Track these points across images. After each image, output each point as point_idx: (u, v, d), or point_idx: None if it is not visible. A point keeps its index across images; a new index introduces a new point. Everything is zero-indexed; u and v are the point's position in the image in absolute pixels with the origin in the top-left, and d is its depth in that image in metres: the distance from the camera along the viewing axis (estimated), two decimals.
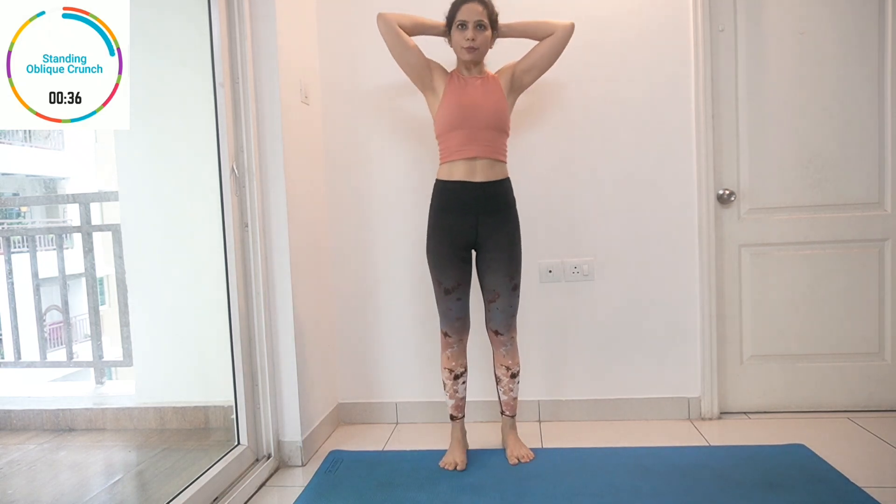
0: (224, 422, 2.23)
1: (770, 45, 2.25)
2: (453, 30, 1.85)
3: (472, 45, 1.81)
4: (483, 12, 1.82)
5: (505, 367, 1.99)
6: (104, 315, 2.81)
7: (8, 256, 2.79)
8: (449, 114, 1.85)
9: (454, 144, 1.86)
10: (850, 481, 1.73)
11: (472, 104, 1.84)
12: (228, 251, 1.93)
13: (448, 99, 1.87)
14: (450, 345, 1.96)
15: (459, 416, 2.03)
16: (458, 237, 1.89)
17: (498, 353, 2.00)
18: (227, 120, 1.90)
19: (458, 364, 1.98)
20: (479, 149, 1.84)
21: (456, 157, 1.85)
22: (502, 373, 2.00)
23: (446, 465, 1.95)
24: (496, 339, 1.98)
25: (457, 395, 2.00)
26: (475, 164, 1.85)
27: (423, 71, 1.89)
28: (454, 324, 1.94)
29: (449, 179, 1.88)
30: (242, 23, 1.92)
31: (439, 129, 1.89)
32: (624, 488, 1.75)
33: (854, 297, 2.29)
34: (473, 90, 1.87)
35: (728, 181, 2.29)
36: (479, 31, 1.82)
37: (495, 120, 1.86)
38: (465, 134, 1.84)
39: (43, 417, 2.44)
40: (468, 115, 1.83)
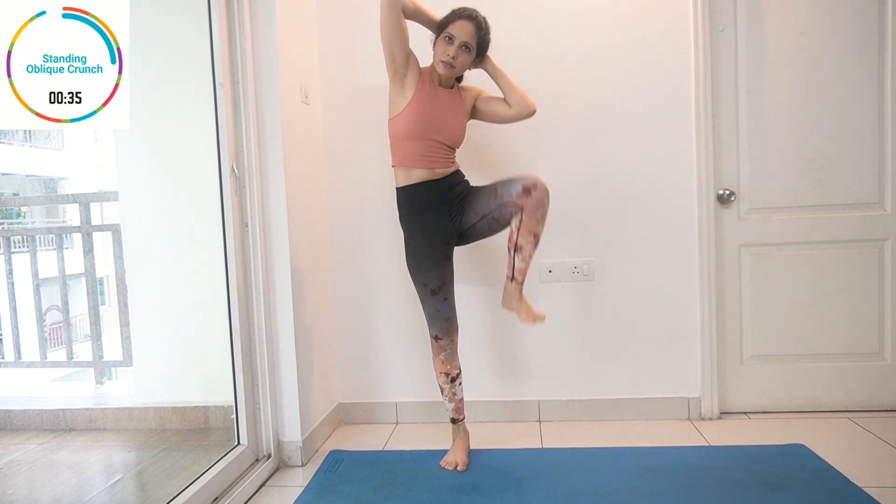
0: (224, 422, 2.23)
1: (770, 45, 2.25)
2: (440, 38, 1.81)
3: (450, 63, 1.78)
4: (474, 35, 1.79)
5: (533, 234, 1.81)
6: (104, 315, 2.80)
7: (8, 256, 2.79)
8: (413, 122, 1.81)
9: (411, 152, 1.84)
10: (850, 481, 1.73)
11: (438, 119, 1.83)
12: (228, 251, 1.93)
13: (415, 105, 1.82)
14: (442, 348, 1.95)
15: (460, 418, 2.02)
16: (438, 234, 1.88)
17: (531, 218, 1.79)
18: (227, 120, 1.90)
19: (453, 366, 1.98)
20: (436, 161, 1.85)
21: (414, 164, 1.84)
22: (528, 241, 1.80)
23: (447, 465, 1.95)
24: (528, 199, 1.77)
25: (455, 397, 2.00)
26: (434, 171, 1.86)
27: (403, 61, 1.83)
28: (444, 325, 1.93)
29: (410, 183, 1.86)
30: (242, 23, 1.92)
31: (398, 130, 1.85)
32: (624, 488, 1.75)
33: (854, 297, 2.29)
34: (442, 104, 1.85)
35: (728, 181, 2.29)
36: (462, 51, 1.79)
37: (453, 139, 1.87)
38: (425, 146, 1.83)
39: (43, 417, 2.44)
40: (431, 128, 1.82)
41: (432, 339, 1.96)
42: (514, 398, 2.38)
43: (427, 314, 1.94)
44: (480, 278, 2.35)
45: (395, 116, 1.85)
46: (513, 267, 1.86)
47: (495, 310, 2.34)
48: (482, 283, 2.35)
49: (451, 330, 1.95)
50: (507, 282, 1.88)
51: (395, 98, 1.86)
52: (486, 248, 2.21)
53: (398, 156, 1.87)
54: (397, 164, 1.88)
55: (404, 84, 1.84)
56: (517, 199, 1.79)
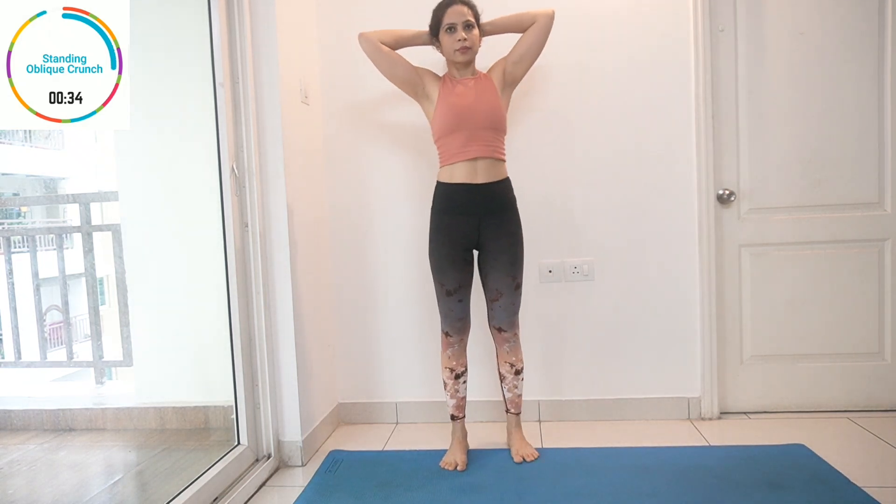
0: (224, 422, 2.23)
1: (770, 45, 2.25)
2: (441, 35, 1.85)
3: (465, 45, 1.81)
4: (469, 12, 1.83)
5: (509, 363, 1.99)
6: (104, 315, 2.81)
7: (8, 256, 2.79)
8: (445, 117, 1.85)
9: (454, 147, 1.85)
10: (850, 481, 1.73)
11: (467, 105, 1.84)
12: (228, 251, 1.93)
13: (442, 103, 1.86)
14: (450, 344, 1.97)
15: (460, 416, 2.03)
16: (461, 239, 1.89)
17: (501, 351, 2.00)
18: (227, 120, 1.90)
19: (459, 363, 1.98)
20: (479, 149, 1.84)
21: (456, 159, 1.85)
22: (506, 370, 2.00)
23: (446, 465, 1.95)
24: (499, 335, 1.98)
25: (458, 394, 2.00)
26: (476, 164, 1.85)
27: (415, 80, 1.90)
28: (455, 324, 1.95)
29: (450, 182, 1.87)
30: (242, 23, 1.92)
31: (437, 133, 1.89)
32: (624, 488, 1.75)
33: (854, 297, 2.28)
34: (467, 91, 1.86)
35: (728, 181, 2.29)
36: (468, 30, 1.82)
37: (491, 119, 1.85)
38: (464, 135, 1.83)
39: (43, 417, 2.45)
40: (464, 116, 1.83)
41: (443, 333, 1.97)
42: None
43: (441, 311, 1.95)
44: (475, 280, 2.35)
45: (432, 122, 1.91)
46: (504, 397, 2.05)
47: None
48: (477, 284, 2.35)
49: (462, 329, 1.96)
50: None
51: (427, 109, 1.93)
52: None
53: (443, 155, 1.90)
54: (443, 164, 1.91)
55: (428, 94, 1.91)
56: (491, 327, 1.99)
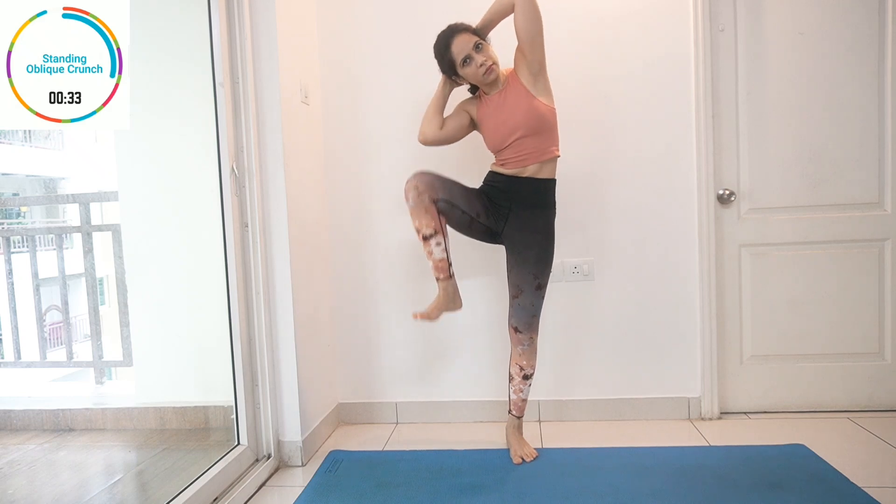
0: (224, 422, 2.23)
1: (770, 45, 2.25)
2: (461, 70, 1.85)
3: (489, 67, 1.82)
4: (470, 36, 1.82)
5: (519, 366, 1.98)
6: (104, 315, 2.80)
7: (8, 256, 2.79)
8: (491, 139, 1.91)
9: (505, 159, 1.90)
10: (850, 481, 1.73)
11: (506, 124, 1.86)
12: (228, 251, 1.93)
13: (484, 126, 1.93)
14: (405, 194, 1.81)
15: (441, 277, 1.85)
16: (489, 206, 1.91)
17: (515, 352, 1.99)
18: (227, 120, 1.90)
19: (423, 223, 1.79)
20: (530, 158, 1.87)
21: (508, 167, 1.91)
22: (515, 371, 1.99)
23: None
24: (515, 336, 1.96)
25: (432, 256, 1.82)
26: (525, 168, 1.89)
27: (469, 123, 1.97)
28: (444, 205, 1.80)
29: (498, 171, 1.93)
30: (242, 23, 1.92)
31: (490, 150, 1.96)
32: (624, 488, 1.75)
33: (854, 297, 2.28)
34: (502, 108, 1.87)
35: (728, 181, 2.29)
36: (482, 51, 1.82)
37: (533, 126, 1.84)
38: (513, 150, 1.87)
39: (43, 417, 2.44)
40: (506, 135, 1.86)
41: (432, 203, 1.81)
42: None
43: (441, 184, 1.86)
44: (481, 277, 2.36)
45: (486, 143, 1.96)
46: (509, 398, 2.06)
47: (495, 309, 2.34)
48: (482, 282, 2.36)
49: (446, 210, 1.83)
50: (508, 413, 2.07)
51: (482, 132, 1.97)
52: (489, 247, 2.20)
53: (498, 162, 1.95)
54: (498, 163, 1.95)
55: (475, 123, 1.98)
56: (509, 326, 1.98)
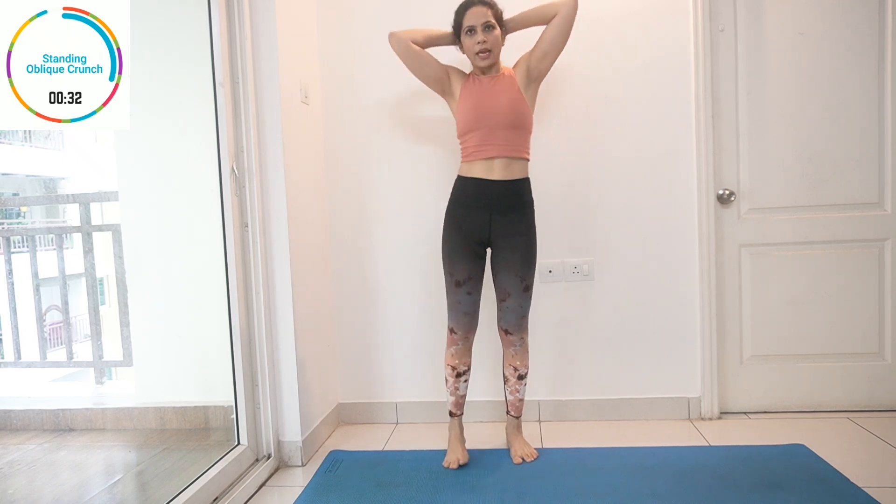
0: (224, 422, 2.23)
1: (770, 45, 2.25)
2: (462, 36, 1.86)
3: (484, 48, 1.81)
4: (489, 13, 1.82)
5: (513, 367, 1.99)
6: (104, 315, 2.80)
7: (8, 256, 2.79)
8: (465, 116, 1.87)
9: (472, 145, 1.87)
10: (850, 481, 1.73)
11: (487, 105, 1.85)
12: (228, 251, 1.93)
13: (464, 102, 1.88)
14: (455, 342, 1.96)
15: (458, 413, 2.03)
16: (471, 232, 1.89)
17: (507, 353, 2.00)
18: (227, 120, 1.90)
19: (462, 362, 1.98)
20: (496, 149, 1.85)
21: (474, 157, 1.87)
22: (510, 373, 2.00)
23: (450, 465, 1.95)
24: (506, 338, 1.98)
25: (457, 392, 2.00)
26: (493, 163, 1.86)
27: (443, 78, 1.92)
28: (461, 319, 1.93)
29: (468, 176, 1.90)
30: (242, 23, 1.92)
31: (459, 130, 1.92)
32: (624, 488, 1.75)
33: (854, 297, 2.28)
34: (488, 91, 1.87)
35: (728, 181, 2.29)
36: (488, 32, 1.82)
37: (511, 118, 1.85)
38: (482, 135, 1.85)
39: (43, 417, 2.44)
40: (483, 116, 1.84)
41: (448, 329, 1.97)
42: None
43: (448, 304, 1.95)
44: None
45: (456, 120, 1.92)
46: (506, 400, 2.05)
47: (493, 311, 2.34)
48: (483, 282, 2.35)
49: (467, 327, 1.95)
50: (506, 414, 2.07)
51: (452, 106, 1.95)
52: None
53: (464, 151, 1.91)
54: (464, 160, 1.92)
55: (453, 92, 1.92)
56: (500, 328, 1.99)
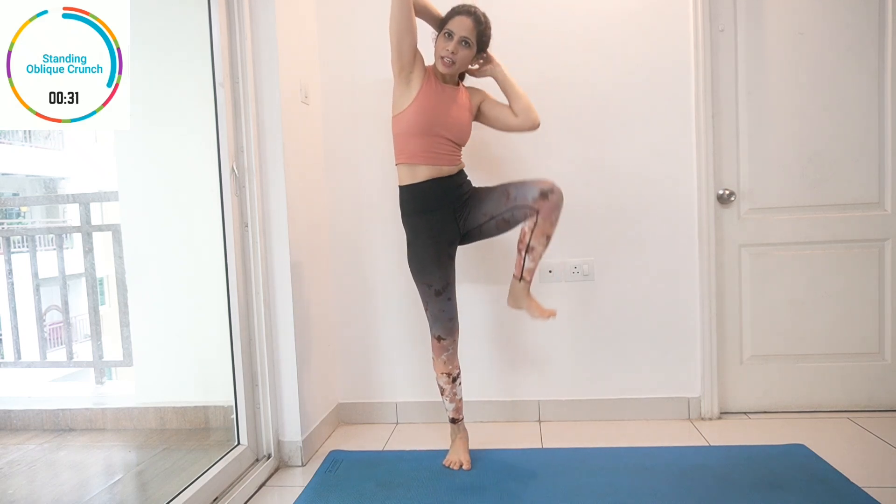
0: (224, 422, 2.23)
1: (770, 45, 2.25)
2: (440, 36, 1.82)
3: (450, 58, 1.78)
4: (473, 30, 1.78)
5: (547, 236, 1.82)
6: (104, 315, 2.80)
7: (8, 256, 2.79)
8: (417, 119, 1.80)
9: (417, 149, 1.82)
10: (850, 481, 1.73)
11: (443, 114, 1.82)
12: (228, 251, 1.93)
13: (420, 102, 1.80)
14: (444, 348, 1.94)
15: (460, 418, 2.02)
16: (443, 234, 1.87)
17: (545, 221, 1.80)
18: (227, 120, 1.90)
19: (454, 366, 1.98)
20: (444, 159, 1.84)
21: (418, 161, 1.82)
22: (540, 242, 1.82)
23: (451, 465, 1.95)
24: (544, 203, 1.78)
25: (455, 397, 2.00)
26: (442, 168, 1.84)
27: (411, 58, 1.80)
28: (447, 325, 1.92)
29: (415, 182, 1.84)
30: (242, 23, 1.92)
31: (402, 128, 1.84)
32: (624, 488, 1.75)
33: (854, 297, 2.28)
34: (447, 101, 1.84)
35: (728, 181, 2.29)
36: (461, 46, 1.78)
37: (459, 135, 1.86)
38: (429, 142, 1.81)
39: (43, 417, 2.44)
40: (437, 123, 1.81)
41: (434, 339, 1.95)
42: (514, 398, 2.38)
43: (430, 315, 1.93)
44: (480, 277, 2.35)
45: (401, 113, 1.84)
46: (522, 267, 1.87)
47: (495, 309, 2.34)
48: (482, 282, 2.36)
49: (453, 330, 1.95)
50: (514, 281, 1.89)
51: (401, 95, 1.84)
52: (485, 246, 2.21)
53: (403, 153, 1.85)
54: (402, 163, 1.85)
55: (410, 81, 1.82)
56: (533, 203, 1.79)
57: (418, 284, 1.92)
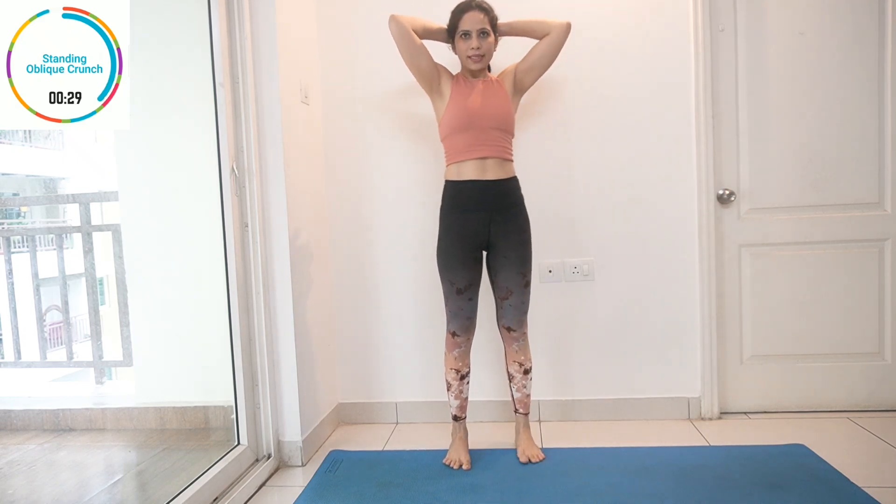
0: (224, 422, 2.23)
1: (770, 45, 2.25)
2: (457, 39, 1.87)
3: (477, 54, 1.83)
4: (485, 19, 1.83)
5: (518, 363, 1.99)
6: (104, 315, 2.80)
7: (8, 256, 2.79)
8: (455, 116, 1.86)
9: (461, 146, 1.87)
10: (850, 481, 1.73)
11: (478, 106, 1.86)
12: (228, 251, 1.93)
13: (454, 102, 1.88)
14: (458, 345, 1.96)
15: (463, 417, 2.03)
16: (472, 237, 1.89)
17: (510, 350, 2.00)
18: (227, 120, 1.90)
19: (465, 364, 1.99)
20: (488, 149, 1.85)
21: (463, 157, 1.86)
22: (515, 369, 2.00)
23: (451, 463, 1.95)
24: (508, 335, 1.98)
25: (461, 395, 2.00)
26: (485, 163, 1.86)
27: (433, 74, 1.91)
28: (464, 323, 1.94)
29: (459, 179, 1.88)
30: (242, 23, 1.92)
31: (445, 131, 1.91)
32: (624, 488, 1.75)
33: (854, 297, 2.28)
34: (478, 93, 1.88)
35: (728, 181, 2.29)
36: (482, 38, 1.83)
37: (500, 121, 1.87)
38: (473, 135, 1.85)
39: (43, 417, 2.44)
40: (474, 116, 1.85)
41: (449, 334, 1.97)
42: None
43: (449, 310, 1.95)
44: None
45: (441, 119, 1.92)
46: (512, 397, 2.05)
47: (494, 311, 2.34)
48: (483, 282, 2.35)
49: (469, 329, 1.97)
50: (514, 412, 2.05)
51: (438, 105, 1.93)
52: None
53: (451, 153, 1.90)
54: (451, 163, 1.91)
55: (441, 91, 1.91)
56: (499, 326, 1.99)
57: (442, 279, 1.95)
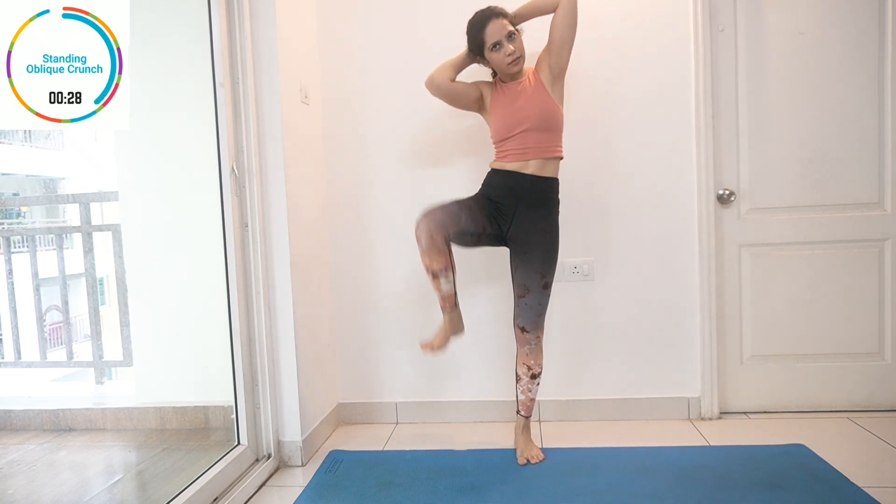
0: (224, 422, 2.23)
1: (770, 45, 2.25)
2: (488, 53, 1.87)
3: (515, 57, 1.84)
4: (506, 23, 1.84)
5: (527, 366, 1.98)
6: (104, 315, 2.80)
7: (8, 256, 2.79)
8: (499, 126, 1.91)
9: (507, 150, 1.91)
10: (850, 481, 1.73)
11: (516, 113, 1.88)
12: (228, 251, 1.93)
13: (494, 112, 1.93)
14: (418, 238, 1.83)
15: (448, 307, 1.91)
16: (493, 213, 1.90)
17: (521, 352, 1.98)
18: (227, 120, 1.90)
19: (434, 261, 1.82)
20: (532, 152, 1.88)
21: (510, 159, 1.90)
22: (523, 371, 1.99)
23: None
24: (521, 336, 1.96)
25: (441, 290, 1.88)
26: (528, 163, 1.89)
27: (477, 98, 1.97)
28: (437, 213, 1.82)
29: (501, 168, 1.93)
30: (242, 23, 1.92)
31: (493, 138, 1.96)
32: (624, 488, 1.75)
33: (854, 297, 2.28)
34: (516, 98, 1.90)
35: (728, 181, 2.29)
36: (513, 41, 1.84)
37: (543, 121, 1.87)
38: (516, 142, 1.88)
39: (43, 417, 2.44)
40: (515, 124, 1.87)
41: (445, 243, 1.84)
42: (514, 398, 2.38)
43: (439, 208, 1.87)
44: (481, 277, 2.35)
45: (490, 128, 1.96)
46: (516, 398, 2.04)
47: (496, 309, 2.34)
48: (482, 282, 2.36)
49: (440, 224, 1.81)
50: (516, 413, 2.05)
51: (486, 117, 2.00)
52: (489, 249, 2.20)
53: (498, 154, 1.95)
54: (498, 158, 1.95)
55: (486, 106, 1.97)
56: (514, 326, 1.97)
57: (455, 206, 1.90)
